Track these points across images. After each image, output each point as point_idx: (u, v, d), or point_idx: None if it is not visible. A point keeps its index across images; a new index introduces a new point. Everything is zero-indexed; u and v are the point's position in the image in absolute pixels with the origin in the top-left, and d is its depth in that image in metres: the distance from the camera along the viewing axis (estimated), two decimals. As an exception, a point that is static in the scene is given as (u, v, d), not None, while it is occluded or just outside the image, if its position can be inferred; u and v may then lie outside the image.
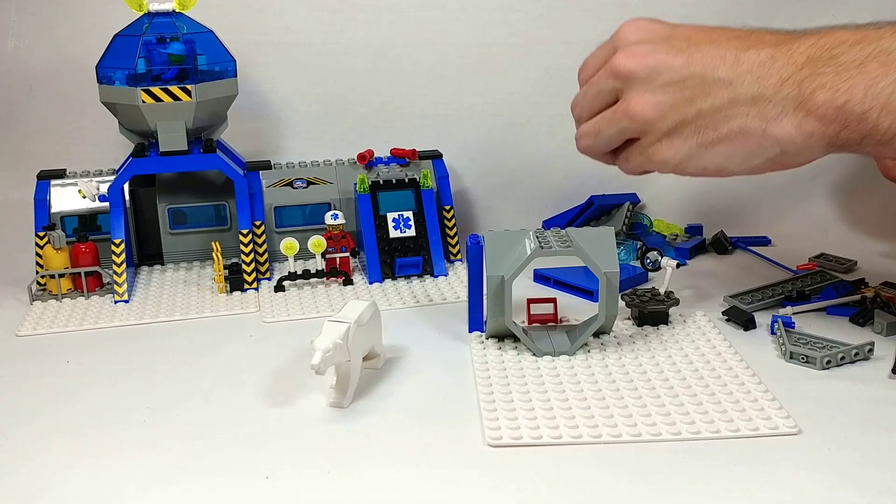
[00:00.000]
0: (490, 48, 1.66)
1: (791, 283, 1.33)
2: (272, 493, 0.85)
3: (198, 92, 1.35)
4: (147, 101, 1.34)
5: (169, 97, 1.34)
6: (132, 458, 0.91)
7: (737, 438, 0.91)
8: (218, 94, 1.39)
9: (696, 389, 1.01)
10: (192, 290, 1.39)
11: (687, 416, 0.95)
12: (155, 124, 1.36)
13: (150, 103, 1.34)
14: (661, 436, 0.92)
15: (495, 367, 1.08)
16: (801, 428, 0.92)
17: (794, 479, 0.84)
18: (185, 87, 1.34)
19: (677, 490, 0.83)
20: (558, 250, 1.09)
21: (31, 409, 1.02)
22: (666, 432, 0.92)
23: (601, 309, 1.10)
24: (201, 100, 1.36)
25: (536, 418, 0.95)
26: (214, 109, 1.42)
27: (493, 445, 0.91)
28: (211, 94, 1.37)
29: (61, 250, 1.34)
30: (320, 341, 0.96)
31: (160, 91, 1.34)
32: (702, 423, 0.93)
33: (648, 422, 0.94)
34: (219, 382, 1.07)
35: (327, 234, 1.40)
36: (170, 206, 1.48)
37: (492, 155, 1.70)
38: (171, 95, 1.34)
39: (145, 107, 1.34)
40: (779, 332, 1.13)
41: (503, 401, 0.99)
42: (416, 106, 1.68)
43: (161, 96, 1.34)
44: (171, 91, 1.34)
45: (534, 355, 1.11)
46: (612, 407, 0.97)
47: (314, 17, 1.64)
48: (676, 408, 0.97)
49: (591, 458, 0.89)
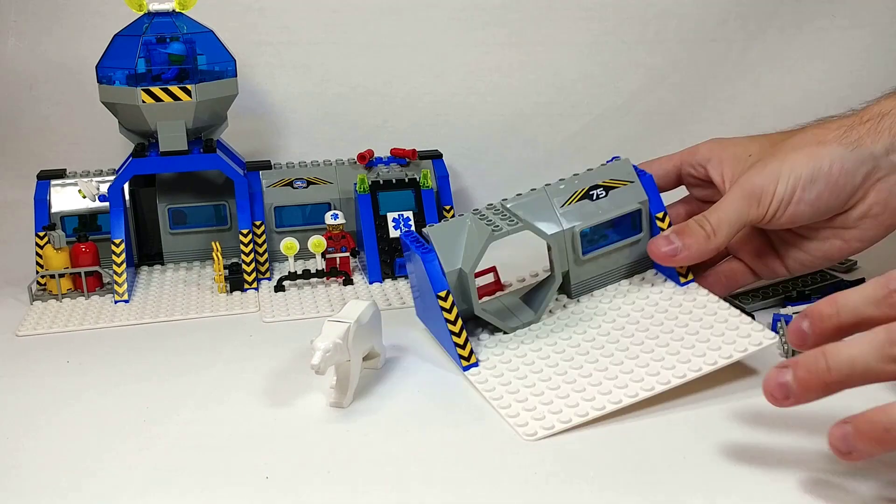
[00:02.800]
0: (490, 48, 1.66)
1: (791, 283, 1.32)
2: (272, 493, 0.85)
3: (198, 92, 1.35)
4: (147, 101, 1.34)
5: (169, 97, 1.34)
6: (132, 458, 0.91)
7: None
8: (218, 94, 1.39)
9: (680, 332, 1.05)
10: (192, 290, 1.39)
11: (681, 356, 1.00)
12: (155, 124, 1.36)
13: (150, 103, 1.34)
14: (670, 382, 0.97)
15: (484, 362, 1.07)
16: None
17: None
18: (185, 87, 1.34)
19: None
20: (508, 230, 1.08)
21: (31, 409, 1.02)
22: (672, 377, 0.97)
23: (556, 269, 1.12)
24: (201, 100, 1.36)
25: (553, 402, 0.96)
26: (214, 109, 1.42)
27: (530, 440, 0.92)
28: (211, 94, 1.37)
29: (61, 250, 1.34)
30: (320, 341, 0.96)
31: (160, 91, 1.34)
32: (697, 359, 0.99)
33: (651, 371, 0.99)
34: (219, 382, 1.07)
35: (327, 234, 1.40)
36: (170, 206, 1.48)
37: (492, 155, 1.70)
38: (171, 95, 1.34)
39: (145, 107, 1.34)
40: (781, 330, 1.13)
41: (508, 392, 1.00)
42: (416, 106, 1.68)
43: (161, 96, 1.34)
44: (171, 91, 1.34)
45: (504, 333, 1.11)
46: (611, 368, 1.01)
47: (314, 17, 1.64)
48: (673, 355, 1.01)
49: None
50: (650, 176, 1.17)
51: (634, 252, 1.17)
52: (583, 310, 1.15)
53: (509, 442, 0.92)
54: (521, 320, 1.13)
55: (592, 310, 1.14)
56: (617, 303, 1.15)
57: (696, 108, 1.69)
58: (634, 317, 1.11)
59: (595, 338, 1.08)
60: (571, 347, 1.07)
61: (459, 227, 1.10)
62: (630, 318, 1.11)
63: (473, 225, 1.10)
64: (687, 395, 0.99)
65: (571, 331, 1.10)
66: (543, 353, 1.06)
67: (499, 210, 1.12)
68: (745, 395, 1.00)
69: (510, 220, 1.10)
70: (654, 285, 1.17)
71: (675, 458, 0.89)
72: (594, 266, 1.16)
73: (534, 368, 1.04)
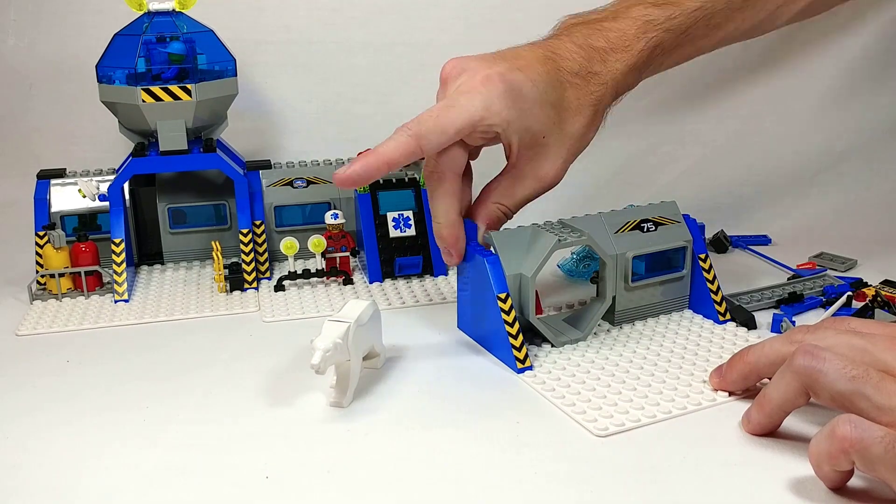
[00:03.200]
0: (490, 48, 1.66)
1: (791, 283, 1.33)
2: (272, 493, 0.85)
3: (198, 91, 1.35)
4: (147, 101, 1.34)
5: (169, 96, 1.34)
6: (132, 458, 0.91)
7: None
8: (218, 93, 1.39)
9: (721, 358, 1.08)
10: (192, 289, 1.39)
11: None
12: (155, 124, 1.36)
13: (150, 103, 1.34)
14: (720, 399, 1.00)
15: (538, 367, 1.08)
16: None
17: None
18: (185, 86, 1.34)
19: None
20: (573, 240, 1.10)
21: (31, 408, 1.02)
22: (718, 396, 1.00)
23: (607, 291, 1.15)
24: (201, 99, 1.36)
25: (617, 404, 0.98)
26: (214, 109, 1.42)
27: (600, 436, 0.92)
28: (211, 93, 1.37)
29: (61, 250, 1.34)
30: (320, 341, 0.96)
31: (160, 90, 1.34)
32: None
33: (696, 391, 1.01)
34: (219, 382, 1.07)
35: (327, 234, 1.40)
36: (170, 205, 1.48)
37: (492, 155, 1.69)
38: (171, 95, 1.34)
39: (145, 106, 1.34)
40: (784, 328, 1.13)
41: (569, 393, 1.01)
42: (416, 106, 1.67)
43: (161, 96, 1.34)
44: (171, 90, 1.34)
45: (553, 346, 1.13)
46: (653, 384, 1.03)
47: (314, 16, 1.64)
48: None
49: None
50: (695, 220, 1.23)
51: (674, 289, 1.23)
52: (627, 334, 1.17)
53: (509, 442, 0.92)
54: (570, 337, 1.15)
55: (637, 335, 1.17)
56: (659, 330, 1.18)
57: (696, 108, 1.69)
58: (680, 342, 1.14)
59: (645, 356, 1.10)
60: (623, 362, 1.08)
61: (522, 235, 1.13)
62: (676, 343, 1.14)
63: (537, 234, 1.12)
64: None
65: (620, 349, 1.12)
66: (597, 364, 1.08)
67: (558, 225, 1.15)
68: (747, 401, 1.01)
69: (572, 232, 1.12)
70: (692, 321, 1.21)
71: (675, 460, 0.89)
72: (639, 296, 1.20)
73: (590, 376, 1.05)
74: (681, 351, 1.11)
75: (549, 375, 1.05)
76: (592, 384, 1.03)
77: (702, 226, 1.23)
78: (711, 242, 1.53)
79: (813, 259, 1.47)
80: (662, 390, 1.01)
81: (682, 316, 1.22)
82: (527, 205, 1.20)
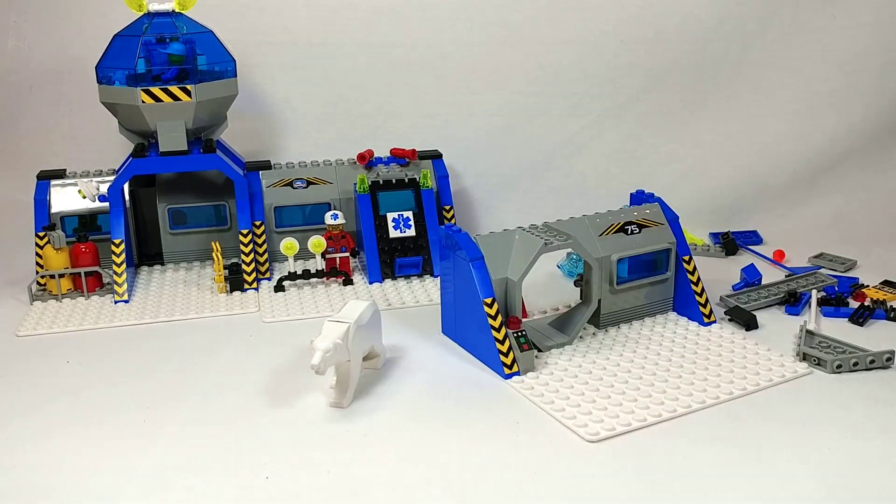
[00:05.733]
0: (490, 48, 1.66)
1: (792, 283, 1.33)
2: (272, 493, 0.85)
3: (198, 92, 1.35)
4: (147, 101, 1.34)
5: (169, 97, 1.34)
6: (132, 458, 0.91)
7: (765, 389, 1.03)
8: (218, 94, 1.39)
9: (716, 360, 1.09)
10: (192, 290, 1.39)
11: (722, 378, 1.04)
12: (155, 124, 1.36)
13: (149, 103, 1.34)
14: (719, 398, 1.00)
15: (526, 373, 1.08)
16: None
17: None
18: (185, 87, 1.34)
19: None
20: (559, 243, 1.10)
21: (31, 408, 1.02)
22: (721, 394, 1.01)
23: (593, 294, 1.15)
24: (201, 100, 1.36)
25: (607, 408, 0.98)
26: (214, 109, 1.42)
27: (592, 441, 0.92)
28: (211, 94, 1.37)
29: (61, 250, 1.34)
30: (320, 341, 0.96)
31: (160, 91, 1.34)
32: (740, 381, 1.03)
33: (697, 388, 1.02)
34: (219, 382, 1.07)
35: (327, 234, 1.40)
36: (170, 206, 1.48)
37: (492, 155, 1.70)
38: (170, 95, 1.34)
39: (145, 107, 1.34)
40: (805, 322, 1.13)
41: (558, 398, 1.00)
42: (416, 106, 1.68)
43: (161, 96, 1.34)
44: (171, 91, 1.34)
45: (539, 351, 1.12)
46: (657, 385, 1.03)
47: (314, 17, 1.64)
48: (715, 377, 1.05)
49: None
50: (677, 219, 1.22)
51: (659, 292, 1.22)
52: (613, 337, 1.17)
53: (508, 443, 0.93)
54: (556, 341, 1.14)
55: (623, 338, 1.17)
56: (645, 333, 1.18)
57: (696, 108, 1.69)
58: (667, 345, 1.14)
59: (633, 360, 1.10)
60: (611, 366, 1.08)
61: (507, 238, 1.12)
62: (662, 346, 1.14)
63: (523, 237, 1.12)
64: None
65: (607, 353, 1.12)
66: (584, 368, 1.08)
67: (544, 229, 1.14)
68: (746, 400, 1.01)
69: (559, 236, 1.11)
70: (678, 323, 1.21)
71: (675, 460, 0.89)
72: (624, 298, 1.20)
73: (578, 381, 1.05)
74: (668, 354, 1.11)
75: (537, 381, 1.05)
76: (581, 389, 1.02)
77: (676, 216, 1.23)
78: (724, 245, 1.53)
79: (813, 259, 1.47)
80: (651, 394, 1.01)
81: (668, 318, 1.22)
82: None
